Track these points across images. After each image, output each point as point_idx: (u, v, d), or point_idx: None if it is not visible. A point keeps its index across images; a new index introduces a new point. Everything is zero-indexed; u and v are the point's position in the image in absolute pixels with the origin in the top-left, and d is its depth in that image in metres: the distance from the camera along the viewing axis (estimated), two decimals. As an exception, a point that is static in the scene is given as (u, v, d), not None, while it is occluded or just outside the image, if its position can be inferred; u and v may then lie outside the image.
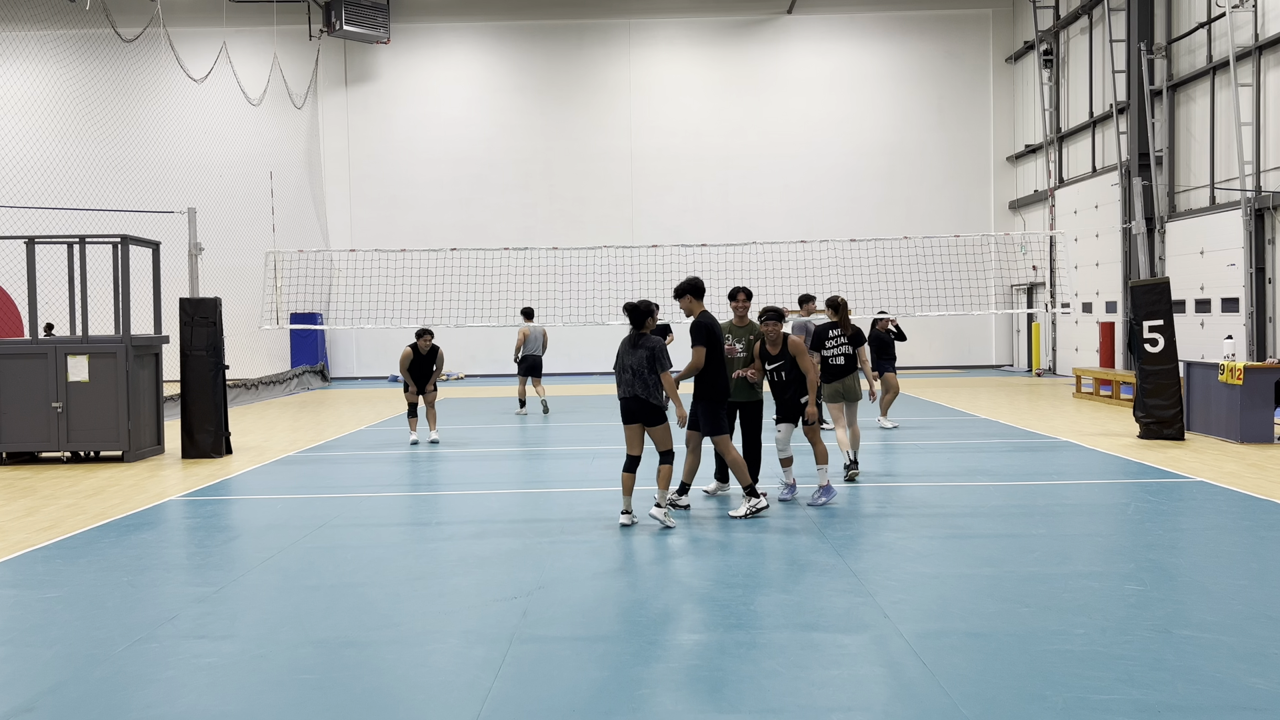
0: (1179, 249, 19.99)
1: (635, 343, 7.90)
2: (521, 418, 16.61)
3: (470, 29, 28.20)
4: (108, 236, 12.67)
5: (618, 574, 6.56)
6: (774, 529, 7.84)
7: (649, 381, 7.83)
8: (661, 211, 27.80)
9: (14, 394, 12.08)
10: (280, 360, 26.98)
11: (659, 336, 8.03)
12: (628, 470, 7.97)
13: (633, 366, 7.86)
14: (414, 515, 8.71)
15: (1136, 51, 20.61)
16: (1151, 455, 11.46)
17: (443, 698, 4.52)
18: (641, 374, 7.81)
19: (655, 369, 7.83)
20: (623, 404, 7.94)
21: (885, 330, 14.26)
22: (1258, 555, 6.81)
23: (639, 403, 7.83)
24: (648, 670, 4.78)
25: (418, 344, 13.38)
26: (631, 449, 7.99)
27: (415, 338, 13.43)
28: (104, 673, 4.87)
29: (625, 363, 7.89)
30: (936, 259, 22.77)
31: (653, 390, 7.83)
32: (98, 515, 8.86)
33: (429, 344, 13.41)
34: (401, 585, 6.38)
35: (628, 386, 7.87)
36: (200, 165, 24.51)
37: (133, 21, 20.75)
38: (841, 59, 28.00)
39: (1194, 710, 4.20)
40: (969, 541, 7.34)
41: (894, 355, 14.24)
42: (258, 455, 12.74)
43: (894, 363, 14.21)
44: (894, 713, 4.25)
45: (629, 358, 7.88)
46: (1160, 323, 12.87)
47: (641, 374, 7.81)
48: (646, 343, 7.89)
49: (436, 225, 27.57)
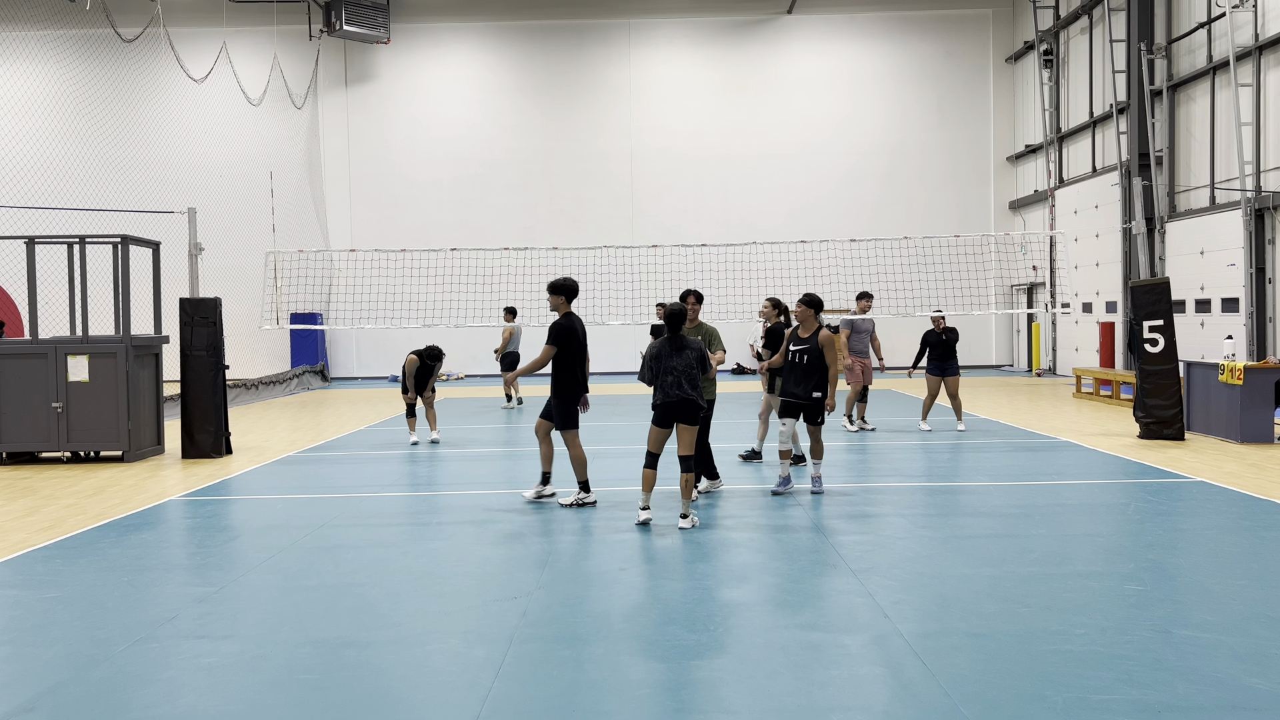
0: (1179, 249, 20.00)
1: (678, 345, 7.96)
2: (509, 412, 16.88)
3: (470, 29, 28.21)
4: (108, 236, 12.66)
5: (618, 574, 6.56)
6: (774, 529, 7.84)
7: (697, 382, 7.92)
8: (661, 211, 27.80)
9: (14, 394, 12.07)
10: (280, 360, 26.98)
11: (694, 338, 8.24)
12: (651, 467, 8.05)
13: (679, 368, 7.90)
14: (414, 515, 8.70)
15: (1136, 51, 20.61)
16: (1151, 455, 11.46)
17: (443, 698, 4.52)
18: (691, 375, 7.90)
19: (704, 368, 8.01)
20: (667, 407, 7.96)
21: (939, 331, 13.76)
22: (1258, 555, 6.81)
23: (687, 403, 7.90)
24: (647, 670, 4.78)
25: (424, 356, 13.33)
26: (657, 448, 8.04)
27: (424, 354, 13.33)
28: (104, 673, 4.87)
29: (669, 365, 7.94)
30: (936, 259, 22.78)
31: (699, 391, 7.94)
32: (98, 515, 8.86)
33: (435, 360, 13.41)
34: (401, 585, 6.38)
35: (673, 389, 7.90)
36: (200, 165, 24.50)
37: (133, 21, 20.75)
38: (841, 59, 28.01)
39: (1194, 710, 4.20)
40: (969, 541, 7.34)
41: (941, 357, 13.68)
42: (258, 455, 12.74)
43: (940, 364, 13.71)
44: (894, 713, 4.25)
45: (674, 360, 7.94)
46: (1160, 323, 12.87)
47: (691, 375, 7.90)
48: (690, 344, 7.97)
49: (436, 225, 27.57)
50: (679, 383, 7.91)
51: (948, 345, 13.71)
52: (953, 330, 13.80)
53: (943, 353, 13.73)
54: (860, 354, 14.17)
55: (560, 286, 8.82)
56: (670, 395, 7.93)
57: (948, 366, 13.73)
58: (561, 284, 8.83)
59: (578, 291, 8.95)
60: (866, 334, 14.27)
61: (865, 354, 14.21)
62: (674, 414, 7.96)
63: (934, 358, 13.79)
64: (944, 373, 13.76)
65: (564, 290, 8.82)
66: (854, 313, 14.66)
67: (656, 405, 8.01)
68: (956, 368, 13.77)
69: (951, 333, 13.76)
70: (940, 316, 13.88)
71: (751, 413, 16.29)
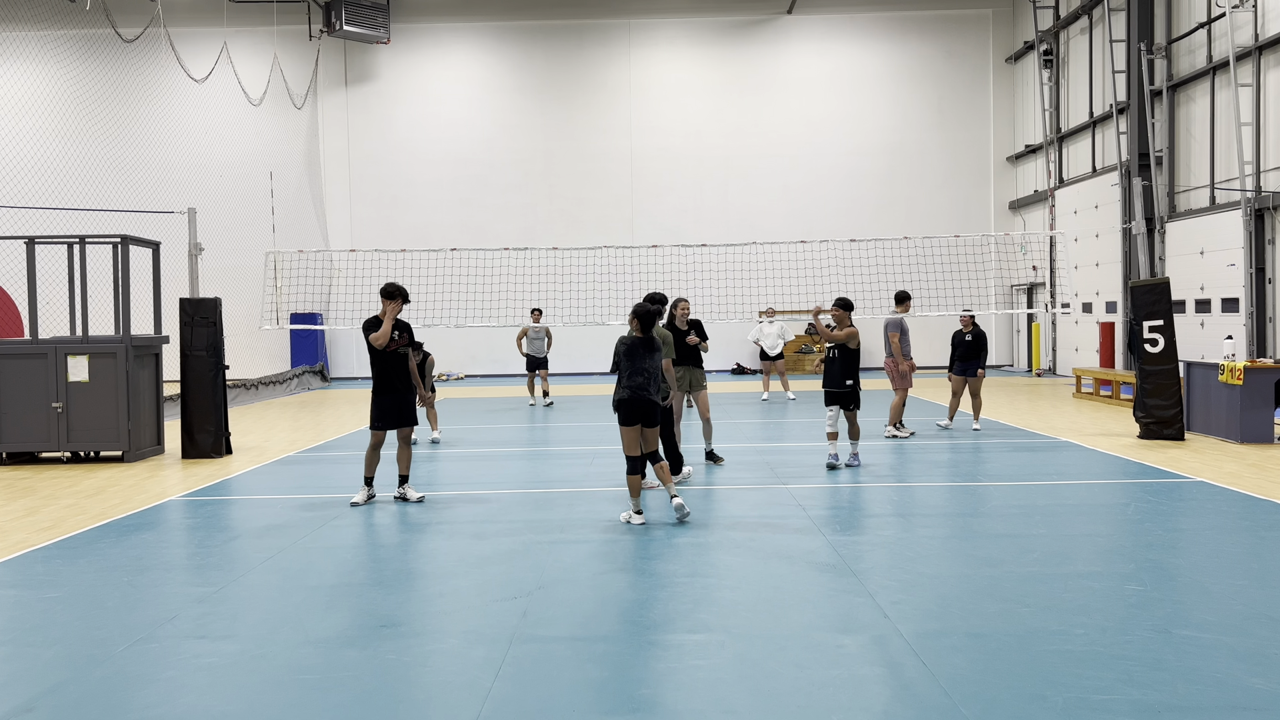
0: (1179, 249, 20.00)
1: (650, 346, 7.94)
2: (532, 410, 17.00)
3: (470, 29, 28.21)
4: (108, 237, 12.66)
5: (618, 574, 6.56)
6: (774, 529, 7.84)
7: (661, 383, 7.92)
8: (661, 211, 27.81)
9: (14, 394, 12.08)
10: (280, 360, 26.97)
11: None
12: (636, 472, 8.02)
13: (650, 370, 7.89)
14: (414, 515, 8.70)
15: (1136, 51, 20.61)
16: (1151, 455, 11.45)
17: (443, 698, 4.52)
18: (659, 377, 7.90)
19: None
20: (634, 405, 7.93)
21: (964, 331, 13.62)
22: (1258, 555, 6.81)
23: (654, 406, 7.87)
24: (648, 670, 4.78)
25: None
26: (634, 449, 8.01)
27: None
28: (104, 673, 4.87)
29: (641, 365, 7.91)
30: (936, 259, 22.73)
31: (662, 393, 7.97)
32: (98, 515, 8.86)
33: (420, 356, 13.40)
34: (401, 585, 6.38)
35: (640, 390, 7.89)
36: (200, 165, 24.48)
37: (133, 21, 20.75)
38: (841, 59, 28.01)
39: (1194, 710, 4.20)
40: (969, 541, 7.34)
41: (964, 357, 13.59)
42: (258, 455, 12.73)
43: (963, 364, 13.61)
44: (894, 713, 4.25)
45: (646, 361, 7.91)
46: (1160, 323, 12.86)
47: (659, 377, 7.90)
48: (659, 347, 7.98)
49: (436, 225, 27.57)
50: (647, 385, 7.92)
51: (971, 345, 13.68)
52: (981, 332, 13.74)
53: (965, 352, 13.71)
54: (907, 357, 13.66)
55: (391, 291, 9.01)
56: (638, 394, 7.93)
57: (969, 367, 13.72)
58: (391, 289, 9.03)
59: (408, 299, 9.20)
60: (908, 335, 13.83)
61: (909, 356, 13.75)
62: (640, 414, 7.95)
63: (957, 357, 13.78)
64: (966, 372, 13.76)
65: (396, 295, 9.02)
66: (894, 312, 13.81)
67: (622, 401, 7.97)
68: (977, 368, 13.73)
69: (979, 334, 13.70)
70: (969, 316, 13.76)
71: (752, 413, 16.29)
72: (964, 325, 13.75)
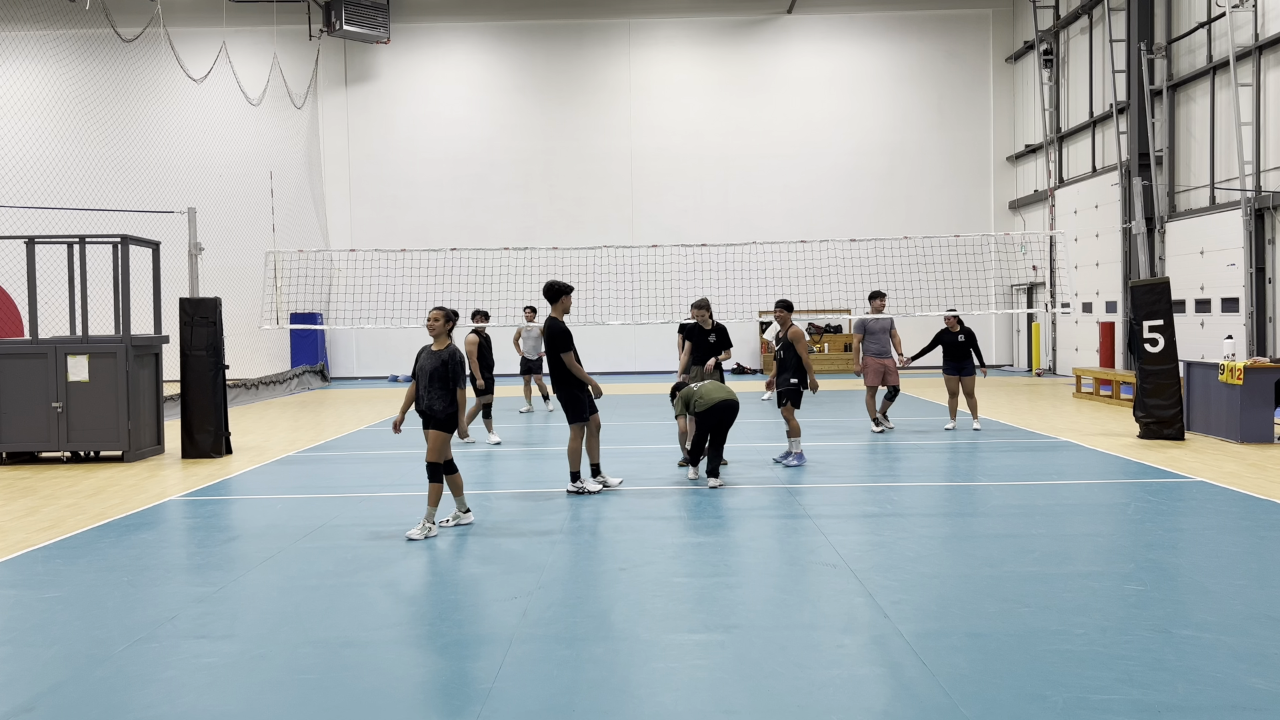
0: (1179, 249, 19.99)
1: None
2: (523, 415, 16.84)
3: (470, 29, 28.20)
4: (108, 236, 12.66)
5: (617, 574, 6.56)
6: (774, 529, 7.85)
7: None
8: (661, 211, 27.80)
9: (14, 394, 12.08)
10: (280, 360, 26.97)
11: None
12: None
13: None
14: (414, 515, 8.69)
15: (1136, 51, 20.61)
16: (1151, 455, 11.46)
17: (443, 698, 4.52)
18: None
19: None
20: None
21: (954, 331, 13.64)
22: (1258, 555, 6.81)
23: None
24: (647, 670, 4.78)
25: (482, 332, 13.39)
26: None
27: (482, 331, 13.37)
28: (104, 673, 4.87)
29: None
30: (936, 259, 22.74)
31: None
32: (98, 515, 8.86)
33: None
34: (401, 585, 6.38)
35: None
36: (200, 165, 24.50)
37: (133, 21, 20.75)
38: (841, 59, 28.00)
39: (1194, 710, 4.20)
40: (969, 541, 7.34)
41: (956, 357, 13.61)
42: (257, 455, 12.73)
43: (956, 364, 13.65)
44: (894, 713, 4.25)
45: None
46: (1160, 323, 12.86)
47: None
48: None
49: (436, 225, 27.57)
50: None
51: (963, 345, 13.66)
52: (970, 330, 13.74)
53: (958, 352, 13.68)
54: (880, 355, 13.75)
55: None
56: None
57: (964, 366, 13.71)
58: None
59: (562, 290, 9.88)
60: (883, 333, 13.83)
61: (886, 354, 13.79)
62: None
63: (949, 357, 13.74)
64: (960, 372, 13.75)
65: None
66: (866, 313, 14.16)
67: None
68: (973, 367, 13.71)
69: (969, 333, 13.71)
70: (954, 316, 13.73)
71: (752, 412, 16.29)
72: (950, 325, 13.71)
